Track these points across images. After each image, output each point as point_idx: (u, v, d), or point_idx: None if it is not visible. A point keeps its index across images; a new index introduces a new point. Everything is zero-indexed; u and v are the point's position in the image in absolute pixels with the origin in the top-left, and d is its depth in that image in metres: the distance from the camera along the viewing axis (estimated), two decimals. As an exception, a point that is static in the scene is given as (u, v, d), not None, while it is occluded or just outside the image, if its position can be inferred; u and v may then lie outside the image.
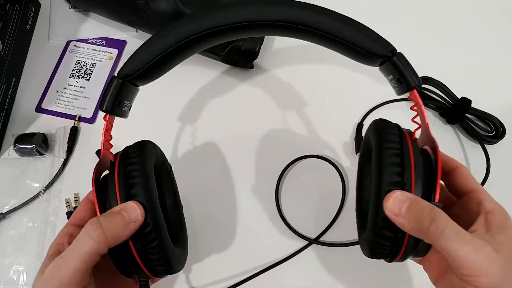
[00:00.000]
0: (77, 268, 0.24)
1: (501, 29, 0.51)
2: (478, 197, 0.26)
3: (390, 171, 0.26)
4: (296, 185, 0.43)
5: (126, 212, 0.25)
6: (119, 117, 0.29)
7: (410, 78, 0.27)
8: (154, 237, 0.26)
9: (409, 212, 0.24)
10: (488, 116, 0.43)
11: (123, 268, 0.28)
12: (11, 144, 0.45)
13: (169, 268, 0.28)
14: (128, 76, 0.28)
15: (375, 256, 0.28)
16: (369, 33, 0.27)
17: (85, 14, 0.54)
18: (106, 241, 0.25)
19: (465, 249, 0.23)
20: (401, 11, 0.53)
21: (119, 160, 0.28)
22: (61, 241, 0.28)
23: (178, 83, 0.48)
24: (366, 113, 0.46)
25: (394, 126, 0.29)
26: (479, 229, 0.25)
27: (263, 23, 0.28)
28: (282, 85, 0.48)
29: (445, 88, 0.45)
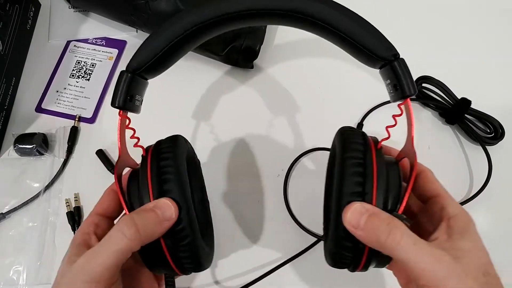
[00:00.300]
0: (109, 265, 0.23)
1: (502, 29, 0.51)
2: (441, 202, 0.26)
3: (351, 181, 0.25)
4: (303, 182, 0.43)
5: (160, 209, 0.25)
6: (132, 112, 0.28)
7: (406, 86, 0.26)
8: (186, 234, 0.26)
9: (367, 224, 0.24)
10: (487, 117, 0.43)
11: (151, 263, 0.27)
12: (11, 144, 0.45)
13: (198, 265, 0.27)
14: (138, 69, 0.27)
15: (337, 266, 0.27)
16: (375, 33, 0.27)
17: (85, 14, 0.54)
18: (139, 239, 0.24)
19: (423, 260, 0.22)
20: (402, 11, 0.53)
21: (152, 155, 0.28)
22: (87, 230, 0.27)
23: (177, 83, 0.48)
24: (366, 113, 0.46)
25: (360, 134, 0.28)
26: (440, 236, 0.25)
27: (271, 11, 0.27)
28: (282, 85, 0.48)
29: (445, 88, 0.45)
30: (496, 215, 0.41)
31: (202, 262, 0.27)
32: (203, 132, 0.46)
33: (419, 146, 0.45)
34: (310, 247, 0.40)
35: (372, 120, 0.46)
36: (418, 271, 0.22)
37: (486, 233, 0.40)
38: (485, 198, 0.41)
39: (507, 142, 0.43)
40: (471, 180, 0.43)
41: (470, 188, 0.42)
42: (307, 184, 0.43)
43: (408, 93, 0.26)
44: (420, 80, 0.45)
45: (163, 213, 0.25)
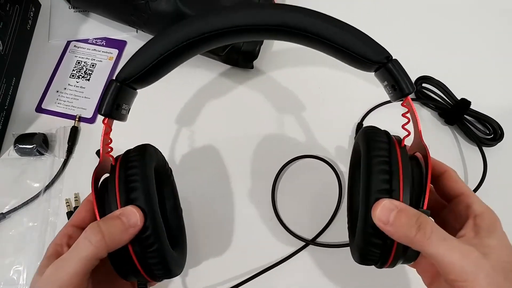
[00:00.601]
0: (76, 272, 0.24)
1: (502, 29, 0.51)
2: (467, 201, 0.27)
3: (378, 178, 0.26)
4: (293, 186, 0.43)
5: (125, 216, 0.25)
6: (118, 120, 0.29)
7: (404, 85, 0.27)
8: (153, 241, 0.26)
9: (396, 220, 0.24)
10: (486, 119, 0.43)
11: (121, 271, 0.28)
12: (11, 144, 0.45)
13: (167, 272, 0.28)
14: (127, 80, 0.28)
15: (365, 263, 0.28)
16: (365, 39, 0.27)
17: (85, 14, 0.54)
18: (105, 246, 0.25)
19: (452, 255, 0.23)
20: (402, 11, 0.53)
21: (120, 164, 0.28)
22: (60, 241, 0.28)
23: (177, 83, 0.48)
24: (365, 113, 0.46)
25: (383, 133, 0.29)
26: (467, 233, 0.25)
27: (260, 27, 0.28)
28: (282, 85, 0.48)
29: (445, 88, 0.45)
30: None
31: (171, 268, 0.28)
32: (201, 132, 0.46)
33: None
34: (297, 251, 0.40)
35: (372, 121, 0.46)
36: (447, 266, 0.23)
37: None
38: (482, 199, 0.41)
39: (506, 144, 0.43)
40: (466, 181, 0.43)
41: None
42: (297, 189, 0.43)
43: (407, 91, 0.27)
44: (420, 80, 0.46)
45: (129, 220, 0.25)
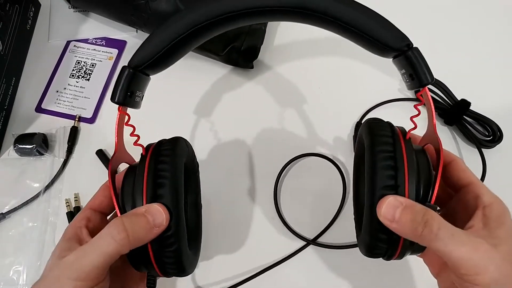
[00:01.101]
0: (97, 265, 0.24)
1: (504, 31, 0.51)
2: (476, 191, 0.26)
3: (382, 174, 0.25)
4: (296, 184, 0.43)
5: (151, 215, 0.25)
6: (132, 108, 0.28)
7: (423, 75, 0.26)
8: (173, 241, 0.26)
9: (402, 217, 0.24)
10: (486, 120, 0.43)
11: (135, 263, 0.27)
12: (11, 144, 0.45)
13: (181, 272, 0.28)
14: (139, 66, 0.27)
15: (372, 256, 0.28)
16: (386, 25, 0.26)
17: (85, 14, 0.54)
18: (128, 244, 0.25)
19: (461, 250, 0.23)
20: (404, 10, 0.53)
21: (151, 156, 0.27)
22: (79, 224, 0.27)
23: (177, 84, 0.48)
24: (365, 112, 0.46)
25: (387, 125, 0.28)
26: (476, 224, 0.25)
27: (280, 8, 0.27)
28: (282, 85, 0.48)
29: (445, 88, 0.45)
30: None
31: (185, 269, 0.28)
32: (202, 132, 0.46)
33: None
34: (298, 250, 0.40)
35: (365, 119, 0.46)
36: (457, 261, 0.23)
37: None
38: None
39: (504, 146, 0.43)
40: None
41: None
42: (299, 187, 0.43)
43: (426, 82, 0.26)
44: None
45: (154, 220, 0.25)
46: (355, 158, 0.35)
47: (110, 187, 0.27)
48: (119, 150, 0.28)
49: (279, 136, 0.45)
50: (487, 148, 0.43)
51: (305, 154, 0.44)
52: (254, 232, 0.41)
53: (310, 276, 0.39)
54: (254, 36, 0.46)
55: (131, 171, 0.28)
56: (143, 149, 0.28)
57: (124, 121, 0.28)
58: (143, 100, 0.30)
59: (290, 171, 0.44)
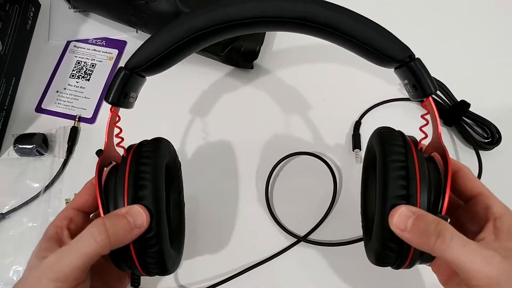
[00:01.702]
0: (77, 266, 0.24)
1: (504, 31, 0.51)
2: (486, 202, 0.26)
3: (395, 184, 0.25)
4: (287, 182, 0.43)
5: (132, 216, 0.25)
6: (125, 108, 0.28)
7: (426, 85, 0.26)
8: (154, 242, 0.26)
9: (414, 227, 0.24)
10: (485, 122, 0.43)
11: (118, 262, 0.28)
12: (11, 144, 0.45)
13: (164, 271, 0.28)
14: (136, 68, 0.27)
15: (381, 265, 0.28)
16: (388, 36, 0.27)
17: (85, 14, 0.54)
18: (109, 245, 0.25)
19: (474, 261, 0.23)
20: (404, 10, 0.53)
21: (132, 157, 0.28)
22: (60, 223, 0.28)
23: (177, 84, 0.48)
24: (364, 111, 0.46)
25: (399, 135, 0.28)
26: (487, 236, 0.25)
27: (282, 19, 0.27)
28: (282, 85, 0.48)
29: (445, 88, 0.45)
30: None
31: (167, 268, 0.28)
32: (201, 131, 0.46)
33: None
34: (289, 247, 0.40)
35: (370, 119, 0.46)
36: (469, 272, 0.23)
37: None
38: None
39: (503, 149, 0.43)
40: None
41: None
42: (291, 185, 0.43)
43: (429, 92, 0.26)
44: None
45: (135, 221, 0.25)
46: (364, 165, 0.35)
47: (96, 186, 0.27)
48: (108, 150, 0.29)
49: (279, 135, 0.45)
50: (485, 150, 0.43)
51: (293, 153, 0.44)
52: (244, 230, 0.41)
53: (300, 273, 0.39)
54: (254, 37, 0.46)
55: (114, 171, 0.28)
56: (124, 150, 0.29)
57: (115, 121, 0.29)
58: (141, 99, 0.30)
59: (283, 169, 0.44)
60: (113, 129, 0.29)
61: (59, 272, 0.24)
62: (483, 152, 0.43)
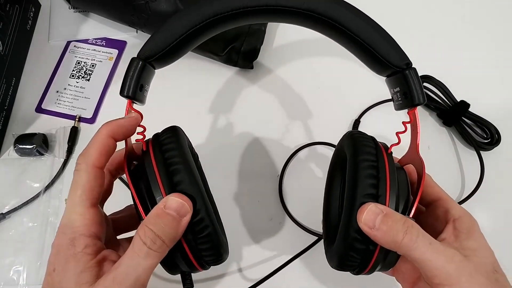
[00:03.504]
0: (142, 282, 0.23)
1: (504, 33, 0.51)
2: (445, 205, 0.27)
3: (365, 183, 0.25)
4: (301, 180, 0.43)
5: (172, 209, 0.24)
6: (140, 103, 0.27)
7: (416, 95, 0.26)
8: (205, 225, 0.24)
9: (383, 224, 0.24)
10: (485, 122, 0.43)
11: (167, 261, 0.25)
12: (11, 144, 0.45)
13: (218, 257, 0.26)
14: (150, 58, 0.26)
15: (343, 268, 0.27)
16: (391, 41, 0.27)
17: (85, 15, 0.54)
18: (167, 248, 0.24)
19: (438, 259, 0.23)
20: (405, 10, 0.53)
21: (153, 147, 0.26)
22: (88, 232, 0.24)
23: (176, 84, 0.48)
24: (364, 110, 0.46)
25: (370, 138, 0.29)
26: (448, 237, 0.26)
27: (288, 9, 0.26)
28: (282, 85, 0.48)
29: (445, 89, 0.45)
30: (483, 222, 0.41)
31: (222, 253, 0.26)
32: (202, 132, 0.46)
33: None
34: (310, 246, 0.39)
35: (369, 118, 0.46)
36: (432, 270, 0.23)
37: None
38: (474, 204, 0.41)
39: (502, 149, 0.43)
40: (462, 185, 0.43)
41: (460, 193, 0.43)
42: (305, 182, 0.43)
43: (418, 102, 0.26)
44: (421, 79, 0.46)
45: (178, 212, 0.24)
46: (330, 167, 0.35)
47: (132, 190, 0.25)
48: (130, 147, 0.27)
49: (279, 135, 0.46)
50: (484, 151, 0.43)
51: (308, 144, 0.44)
52: (261, 231, 0.41)
53: (323, 271, 0.39)
54: (254, 37, 0.46)
55: (137, 170, 0.26)
56: (143, 144, 0.27)
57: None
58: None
59: (293, 167, 0.44)
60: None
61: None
62: (483, 153, 0.43)
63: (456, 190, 0.43)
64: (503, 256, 0.39)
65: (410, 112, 0.27)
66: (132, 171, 0.26)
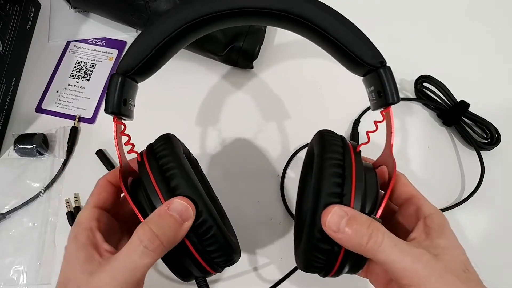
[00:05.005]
0: (135, 280, 0.23)
1: (505, 33, 0.51)
2: (416, 203, 0.26)
3: (329, 181, 0.25)
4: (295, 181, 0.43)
5: (175, 211, 0.24)
6: (126, 117, 0.27)
7: (390, 93, 0.25)
8: (209, 226, 0.24)
9: (347, 228, 0.23)
10: (484, 122, 0.43)
11: (178, 269, 0.26)
12: (11, 144, 0.45)
13: (228, 257, 0.26)
14: (129, 71, 0.27)
15: (309, 270, 0.27)
16: (364, 40, 0.26)
17: (85, 15, 0.54)
18: (164, 249, 0.24)
19: (404, 260, 0.23)
20: (405, 10, 0.53)
21: (147, 156, 0.26)
22: (89, 225, 0.26)
23: (176, 84, 0.48)
24: (364, 110, 0.46)
25: (339, 137, 0.28)
26: (418, 236, 0.25)
27: (261, 10, 0.26)
28: (281, 84, 0.48)
29: (444, 89, 0.45)
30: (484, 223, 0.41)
31: (231, 252, 0.26)
32: (202, 132, 0.46)
33: (419, 146, 0.45)
34: None
35: (369, 118, 0.46)
36: (400, 271, 0.23)
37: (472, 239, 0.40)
38: (474, 205, 0.41)
39: (502, 149, 0.43)
40: (462, 185, 0.43)
41: (461, 193, 0.43)
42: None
43: (391, 101, 0.26)
44: (421, 79, 0.46)
45: (182, 215, 0.24)
46: (302, 169, 0.35)
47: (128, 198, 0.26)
48: (124, 162, 0.27)
49: (278, 135, 0.46)
50: (484, 151, 0.43)
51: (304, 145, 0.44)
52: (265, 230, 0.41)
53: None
54: (254, 37, 0.46)
55: (136, 182, 0.27)
56: (138, 156, 0.27)
57: (121, 131, 0.27)
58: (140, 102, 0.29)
59: (294, 167, 0.44)
60: (122, 140, 0.27)
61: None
62: (483, 153, 0.43)
63: (456, 190, 0.43)
64: (504, 256, 0.40)
65: (384, 111, 0.27)
66: (131, 184, 0.27)
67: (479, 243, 0.40)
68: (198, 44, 0.46)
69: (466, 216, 0.41)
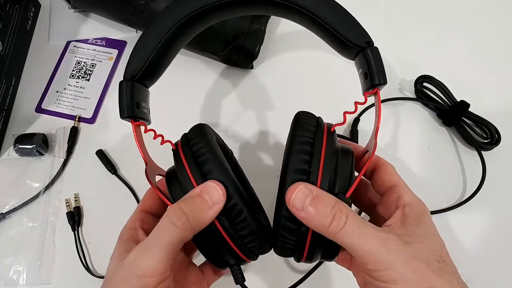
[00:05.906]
0: (162, 258, 0.23)
1: (505, 33, 0.51)
2: (398, 191, 0.26)
3: (297, 158, 0.24)
4: None
5: (207, 194, 0.24)
6: (143, 120, 0.27)
7: (376, 75, 0.24)
8: (240, 209, 0.24)
9: (311, 207, 0.23)
10: (484, 122, 0.43)
11: (212, 255, 0.26)
12: (11, 144, 0.45)
13: (260, 242, 0.26)
14: (135, 76, 0.27)
15: (281, 252, 0.26)
16: (351, 21, 0.26)
17: (85, 15, 0.54)
18: (191, 228, 0.23)
19: (367, 243, 0.22)
20: (406, 10, 0.53)
21: (181, 144, 0.27)
22: (133, 225, 0.27)
23: (177, 84, 0.48)
24: (364, 109, 0.46)
25: (314, 117, 0.28)
26: (394, 223, 0.24)
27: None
28: (281, 84, 0.48)
29: (444, 89, 0.45)
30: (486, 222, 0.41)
31: (262, 238, 0.25)
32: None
33: (419, 146, 0.45)
34: None
35: (368, 117, 0.46)
36: (363, 254, 0.22)
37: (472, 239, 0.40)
38: (476, 204, 0.41)
39: (502, 149, 0.43)
40: (464, 185, 0.43)
41: (462, 193, 0.42)
42: None
43: (377, 82, 0.25)
44: (421, 79, 0.46)
45: (212, 197, 0.24)
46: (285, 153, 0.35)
47: (155, 189, 0.26)
48: (149, 162, 0.27)
49: (279, 135, 0.45)
50: (484, 151, 0.43)
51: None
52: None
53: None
54: (254, 37, 0.46)
55: (171, 173, 0.27)
56: (171, 144, 0.28)
57: (141, 133, 0.27)
58: None
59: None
60: (143, 142, 0.27)
61: (144, 267, 0.23)
62: (483, 152, 0.43)
63: (458, 190, 0.43)
64: (506, 255, 0.39)
65: (368, 93, 0.26)
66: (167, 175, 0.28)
67: (481, 244, 0.40)
68: (198, 44, 0.46)
69: (466, 216, 0.41)
